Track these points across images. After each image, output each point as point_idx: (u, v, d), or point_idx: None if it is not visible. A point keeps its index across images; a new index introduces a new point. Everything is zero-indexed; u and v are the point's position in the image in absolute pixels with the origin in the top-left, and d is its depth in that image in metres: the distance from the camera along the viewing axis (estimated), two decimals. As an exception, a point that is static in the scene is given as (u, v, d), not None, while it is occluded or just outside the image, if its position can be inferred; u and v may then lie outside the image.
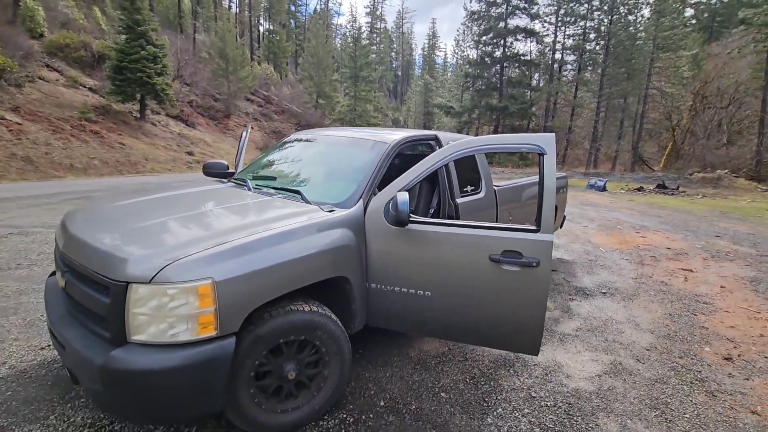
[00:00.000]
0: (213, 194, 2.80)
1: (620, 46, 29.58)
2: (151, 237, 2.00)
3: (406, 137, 3.00)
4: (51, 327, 2.04)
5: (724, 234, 7.59)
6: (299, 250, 2.04)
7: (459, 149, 2.37)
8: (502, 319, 2.26)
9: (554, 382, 2.71)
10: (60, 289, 2.22)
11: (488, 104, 28.89)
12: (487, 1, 29.21)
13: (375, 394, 2.49)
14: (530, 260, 2.12)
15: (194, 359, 1.69)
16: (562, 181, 5.32)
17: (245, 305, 1.83)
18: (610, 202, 11.94)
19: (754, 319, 3.81)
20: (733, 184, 17.63)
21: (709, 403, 2.54)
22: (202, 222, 2.23)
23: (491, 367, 2.86)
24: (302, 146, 3.51)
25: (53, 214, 6.96)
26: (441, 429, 2.21)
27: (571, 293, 4.36)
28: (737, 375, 2.88)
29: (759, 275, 5.12)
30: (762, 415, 2.44)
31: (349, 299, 2.34)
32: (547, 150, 2.18)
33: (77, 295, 1.91)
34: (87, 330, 1.87)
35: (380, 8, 70.13)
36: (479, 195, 3.51)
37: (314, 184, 2.78)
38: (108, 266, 1.75)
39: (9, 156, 16.17)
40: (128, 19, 22.19)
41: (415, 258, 2.32)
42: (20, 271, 4.20)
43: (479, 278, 2.23)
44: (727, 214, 10.24)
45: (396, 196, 2.18)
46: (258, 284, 1.87)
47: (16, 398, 2.25)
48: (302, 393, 2.16)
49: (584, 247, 6.36)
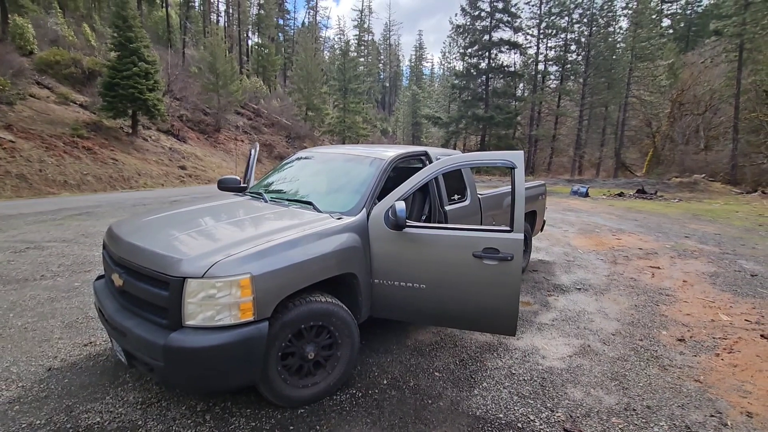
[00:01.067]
0: (237, 206, 3.23)
1: (600, 57, 30.74)
2: (198, 242, 2.44)
3: (400, 154, 3.48)
4: (108, 319, 2.44)
5: (692, 235, 8.19)
6: (316, 251, 2.48)
7: (445, 165, 2.85)
8: (484, 306, 2.72)
9: (531, 362, 3.17)
10: (110, 287, 2.64)
11: (475, 114, 29.70)
12: (472, 15, 30.17)
13: (378, 375, 2.92)
14: (506, 255, 2.58)
15: (236, 338, 2.11)
16: (540, 188, 5.83)
17: (276, 295, 2.26)
18: (591, 208, 12.56)
19: (708, 308, 4.32)
20: (709, 187, 18.46)
21: (660, 374, 3.02)
22: (235, 229, 2.67)
23: (478, 351, 3.30)
24: (307, 163, 3.97)
25: (61, 230, 7.28)
26: (435, 399, 2.65)
27: (550, 290, 4.84)
28: (687, 353, 3.37)
29: (718, 270, 5.67)
30: (703, 383, 2.92)
31: (356, 292, 2.78)
32: (517, 164, 2.66)
33: (136, 291, 2.32)
34: (144, 319, 2.28)
35: (368, 21, 71.42)
36: (465, 203, 3.99)
37: (323, 196, 3.23)
38: (167, 266, 2.17)
39: (3, 174, 16.30)
40: (121, 36, 22.43)
41: (411, 257, 2.78)
42: (46, 282, 4.55)
43: (465, 272, 2.69)
44: (699, 217, 10.90)
45: (394, 204, 2.64)
46: (285, 279, 2.31)
47: (74, 384, 2.64)
48: (319, 372, 2.58)
49: (563, 249, 6.87)
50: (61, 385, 2.61)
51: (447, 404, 2.60)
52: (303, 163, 4.00)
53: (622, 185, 20.42)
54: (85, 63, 27.42)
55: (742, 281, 5.21)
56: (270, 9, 51.66)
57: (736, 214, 11.43)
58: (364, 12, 69.99)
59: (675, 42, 43.23)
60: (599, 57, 30.56)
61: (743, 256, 6.53)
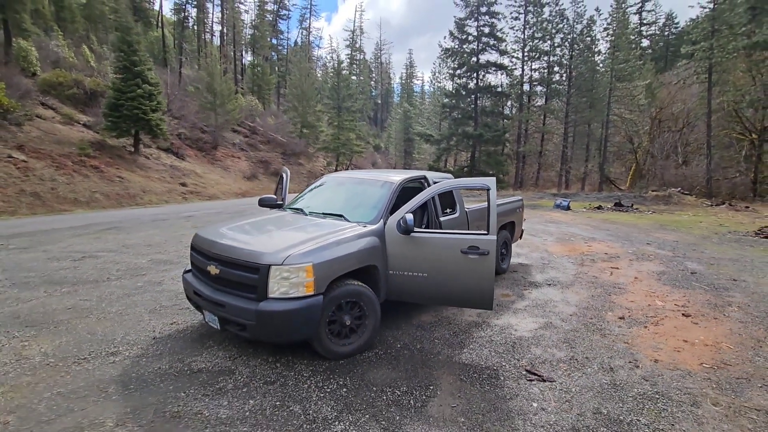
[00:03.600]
0: (287, 218, 4.31)
1: (582, 78, 32.55)
2: (273, 242, 3.52)
3: (406, 178, 4.60)
4: (206, 298, 3.47)
5: (654, 242, 9.38)
6: (351, 249, 3.56)
7: (440, 188, 3.97)
8: (469, 287, 3.79)
9: (506, 333, 4.24)
10: (202, 276, 3.68)
11: (465, 132, 31.12)
12: (460, 39, 31.84)
13: (393, 342, 3.97)
14: (484, 251, 3.67)
15: (302, 305, 3.17)
16: (518, 203, 6.98)
17: (327, 278, 3.33)
18: (571, 220, 13.77)
19: (648, 297, 5.44)
20: (682, 200, 19.84)
21: (600, 339, 4.11)
22: (294, 233, 3.75)
23: (466, 327, 4.37)
24: (331, 185, 5.09)
25: (101, 242, 8.25)
26: (436, 355, 3.70)
27: (525, 285, 5.94)
28: (623, 326, 4.46)
29: (665, 270, 6.82)
30: (629, 344, 4.01)
31: (377, 279, 3.85)
32: (491, 186, 3.78)
33: (231, 276, 3.37)
34: (236, 295, 3.33)
35: (359, 41, 73.61)
36: (455, 215, 5.10)
37: (350, 210, 4.30)
38: (257, 258, 3.23)
39: (18, 192, 17.15)
40: (126, 60, 23.46)
41: (416, 253, 3.86)
42: (113, 282, 5.55)
43: (455, 263, 3.77)
44: (665, 226, 12.14)
45: (405, 216, 3.74)
46: (332, 267, 3.38)
47: (176, 347, 3.66)
48: (353, 335, 3.63)
49: (541, 254, 8.00)
50: (168, 347, 3.63)
51: (444, 357, 3.66)
52: (328, 186, 5.11)
53: (603, 199, 21.76)
54: (87, 84, 28.32)
55: (683, 278, 6.36)
56: (264, 30, 53.26)
57: (700, 224, 12.70)
58: (356, 32, 72.27)
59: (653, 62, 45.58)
60: (581, 78, 32.37)
61: (691, 258, 7.71)
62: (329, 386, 3.10)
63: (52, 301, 4.72)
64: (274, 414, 2.71)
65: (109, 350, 3.52)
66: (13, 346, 3.55)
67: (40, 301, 4.69)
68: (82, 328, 3.96)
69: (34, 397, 2.79)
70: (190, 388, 2.99)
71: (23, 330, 3.89)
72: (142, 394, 2.88)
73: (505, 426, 2.68)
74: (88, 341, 3.69)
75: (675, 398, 3.04)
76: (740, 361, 3.63)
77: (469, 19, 31.36)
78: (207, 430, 2.52)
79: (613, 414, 2.83)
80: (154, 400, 2.81)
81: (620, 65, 30.91)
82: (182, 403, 2.78)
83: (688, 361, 3.65)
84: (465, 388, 3.14)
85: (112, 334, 3.86)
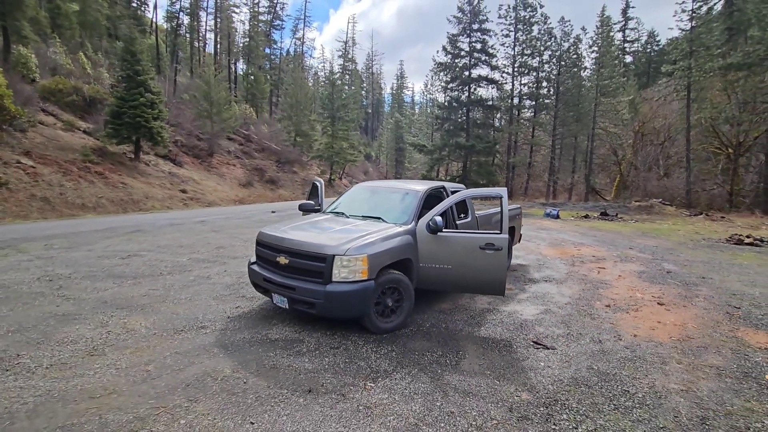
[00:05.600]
0: (334, 219, 5.16)
1: (568, 93, 34.10)
2: (334, 238, 4.35)
3: (430, 187, 5.51)
4: (278, 284, 4.29)
5: (636, 247, 10.42)
6: (393, 244, 4.43)
7: (459, 197, 4.88)
8: (486, 277, 4.67)
9: (514, 316, 5.12)
10: (270, 267, 4.50)
11: (457, 143, 32.30)
12: (453, 54, 33.17)
13: (422, 322, 4.82)
14: (498, 247, 4.56)
15: (359, 288, 4.02)
16: (517, 210, 7.93)
17: (377, 267, 4.18)
18: (560, 227, 14.81)
19: (630, 291, 6.39)
20: (663, 210, 21.11)
21: (590, 321, 5.01)
22: (346, 231, 4.59)
23: (480, 312, 5.25)
24: (363, 193, 5.96)
25: (136, 244, 8.96)
26: (459, 331, 4.57)
27: (526, 281, 6.85)
28: (609, 311, 5.39)
29: (645, 269, 7.81)
30: (614, 324, 4.92)
31: (411, 270, 4.71)
32: (503, 195, 4.69)
33: (300, 265, 4.20)
34: (304, 280, 4.16)
35: (351, 51, 74.98)
36: (468, 220, 6.00)
37: (386, 213, 5.15)
38: (324, 250, 4.08)
39: (29, 197, 17.64)
40: (129, 69, 24.05)
41: (442, 249, 4.73)
42: (167, 276, 6.30)
43: (475, 257, 4.64)
44: (646, 234, 13.24)
45: (435, 218, 4.61)
46: (381, 258, 4.23)
47: (248, 323, 4.45)
48: (393, 315, 4.48)
49: (536, 257, 8.94)
50: (243, 324, 4.44)
51: (466, 333, 4.53)
52: (359, 194, 6.00)
53: (590, 208, 22.95)
54: (86, 91, 28.70)
55: (659, 276, 7.35)
56: (259, 40, 54.03)
57: (678, 232, 13.84)
58: (348, 43, 73.68)
59: (636, 77, 47.64)
60: (568, 93, 33.92)
61: (668, 260, 8.73)
62: (382, 351, 3.94)
63: (125, 290, 5.48)
64: (347, 366, 3.55)
65: (198, 325, 4.32)
66: (116, 322, 4.32)
67: (115, 291, 5.44)
68: (165, 310, 4.75)
69: (158, 355, 3.58)
70: (274, 350, 3.81)
71: (116, 311, 4.66)
72: (241, 354, 3.69)
73: (522, 376, 3.55)
74: (176, 319, 4.48)
75: (649, 359, 3.95)
76: (701, 336, 4.57)
77: (462, 35, 32.75)
78: (301, 375, 3.34)
79: (602, 369, 3.72)
80: (251, 357, 3.63)
81: (605, 81, 32.51)
82: (274, 360, 3.60)
83: (661, 336, 4.58)
84: (486, 353, 4.01)
85: (193, 314, 4.65)
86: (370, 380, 3.34)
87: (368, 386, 3.24)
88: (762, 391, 3.38)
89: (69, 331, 4.05)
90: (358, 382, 3.31)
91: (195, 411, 2.78)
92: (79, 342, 3.81)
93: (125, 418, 2.68)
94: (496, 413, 2.95)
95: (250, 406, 2.87)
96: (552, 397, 3.20)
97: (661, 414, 3.00)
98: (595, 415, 2.98)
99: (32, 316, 4.45)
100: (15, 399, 2.88)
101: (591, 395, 3.25)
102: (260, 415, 2.76)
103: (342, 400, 3.02)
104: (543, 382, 3.46)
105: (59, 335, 3.95)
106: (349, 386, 3.22)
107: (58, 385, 3.06)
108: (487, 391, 3.27)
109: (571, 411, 3.02)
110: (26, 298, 5.04)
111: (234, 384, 3.15)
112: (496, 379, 3.48)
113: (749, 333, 4.67)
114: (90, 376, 3.21)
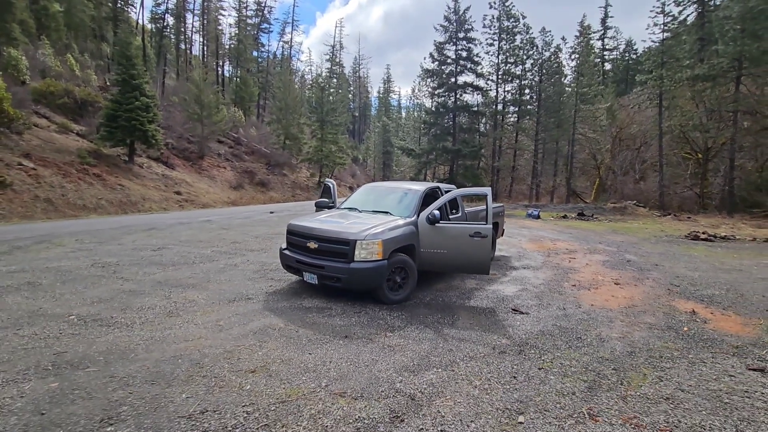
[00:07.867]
0: (349, 214, 6.23)
1: (550, 100, 35.79)
2: (354, 227, 5.43)
3: (428, 187, 6.64)
4: (309, 263, 5.34)
5: (605, 242, 11.73)
6: (400, 232, 5.54)
7: (452, 195, 6.01)
8: (474, 260, 5.79)
9: (497, 293, 6.26)
10: (300, 251, 5.55)
11: (444, 147, 33.71)
12: (439, 61, 34.59)
13: (422, 297, 5.92)
14: (484, 235, 5.69)
15: (376, 266, 5.12)
16: (501, 208, 9.13)
17: (389, 250, 5.28)
18: (541, 226, 16.12)
19: (594, 275, 7.61)
20: (636, 211, 22.69)
21: (558, 296, 6.18)
22: (362, 222, 5.67)
23: (469, 290, 6.37)
24: (371, 192, 7.05)
25: (158, 239, 9.86)
26: (453, 303, 5.68)
27: (508, 269, 8.01)
28: (574, 290, 6.57)
29: (608, 259, 9.08)
30: (577, 298, 6.09)
31: (414, 254, 5.81)
32: (488, 194, 5.83)
33: (328, 249, 5.26)
34: (331, 261, 5.22)
35: (339, 56, 76.14)
36: (459, 214, 7.15)
37: (392, 208, 6.25)
38: (347, 236, 5.16)
39: (33, 198, 18.23)
40: (125, 73, 24.53)
41: (439, 237, 5.84)
42: (199, 265, 7.27)
43: (465, 243, 5.76)
44: (616, 231, 14.62)
45: (433, 211, 5.73)
46: (392, 243, 5.33)
47: (284, 296, 5.48)
48: (401, 290, 5.58)
49: (517, 250, 10.14)
50: (279, 296, 5.48)
51: (459, 304, 5.65)
52: (367, 193, 7.09)
53: (569, 210, 24.43)
54: (77, 93, 29.01)
55: (620, 264, 8.60)
56: (248, 44, 54.53)
57: (645, 230, 15.26)
58: (336, 47, 74.84)
59: (615, 84, 49.83)
60: (549, 100, 35.61)
61: (630, 252, 10.02)
62: (394, 314, 5.03)
63: (171, 274, 6.46)
64: (370, 323, 4.63)
65: (246, 297, 5.35)
66: (177, 296, 5.32)
67: (162, 274, 6.42)
68: (213, 288, 5.76)
69: (223, 315, 4.61)
70: (311, 313, 4.87)
71: (173, 289, 5.65)
72: (286, 315, 4.75)
73: (502, 330, 4.68)
74: (225, 293, 5.50)
75: (599, 320, 5.12)
76: (643, 305, 5.78)
77: (448, 43, 34.21)
78: (336, 328, 4.41)
79: (563, 326, 4.87)
80: (296, 317, 4.69)
81: (584, 89, 34.28)
82: (313, 319, 4.67)
83: (612, 305, 5.77)
84: (475, 317, 5.14)
85: (237, 290, 5.68)
86: (389, 331, 4.43)
87: (388, 335, 4.33)
88: (678, 337, 4.57)
89: (143, 302, 5.04)
90: (380, 332, 4.39)
91: (266, 347, 3.83)
92: (155, 308, 4.81)
93: (217, 351, 3.71)
94: (482, 350, 4.07)
95: (305, 344, 3.94)
96: (524, 342, 4.34)
97: (602, 350, 4.16)
98: (554, 351, 4.12)
99: (105, 291, 5.41)
100: (127, 342, 3.88)
101: (553, 340, 4.40)
102: (314, 350, 3.83)
103: (370, 342, 4.10)
104: (518, 333, 4.59)
105: (137, 304, 4.94)
106: (374, 335, 4.31)
107: (157, 334, 4.07)
108: (476, 338, 4.39)
109: (537, 349, 4.15)
110: (92, 279, 5.99)
111: (288, 332, 4.21)
112: (483, 332, 4.60)
113: (681, 302, 5.90)
114: (177, 328, 4.23)
